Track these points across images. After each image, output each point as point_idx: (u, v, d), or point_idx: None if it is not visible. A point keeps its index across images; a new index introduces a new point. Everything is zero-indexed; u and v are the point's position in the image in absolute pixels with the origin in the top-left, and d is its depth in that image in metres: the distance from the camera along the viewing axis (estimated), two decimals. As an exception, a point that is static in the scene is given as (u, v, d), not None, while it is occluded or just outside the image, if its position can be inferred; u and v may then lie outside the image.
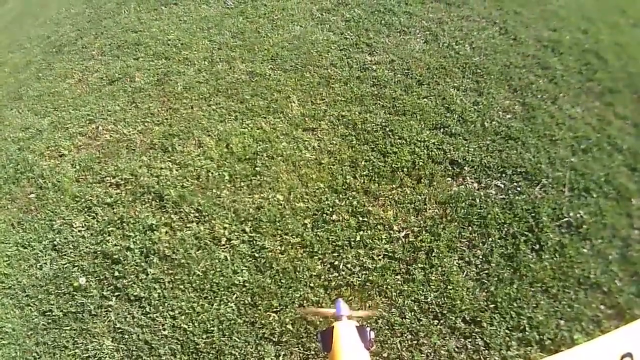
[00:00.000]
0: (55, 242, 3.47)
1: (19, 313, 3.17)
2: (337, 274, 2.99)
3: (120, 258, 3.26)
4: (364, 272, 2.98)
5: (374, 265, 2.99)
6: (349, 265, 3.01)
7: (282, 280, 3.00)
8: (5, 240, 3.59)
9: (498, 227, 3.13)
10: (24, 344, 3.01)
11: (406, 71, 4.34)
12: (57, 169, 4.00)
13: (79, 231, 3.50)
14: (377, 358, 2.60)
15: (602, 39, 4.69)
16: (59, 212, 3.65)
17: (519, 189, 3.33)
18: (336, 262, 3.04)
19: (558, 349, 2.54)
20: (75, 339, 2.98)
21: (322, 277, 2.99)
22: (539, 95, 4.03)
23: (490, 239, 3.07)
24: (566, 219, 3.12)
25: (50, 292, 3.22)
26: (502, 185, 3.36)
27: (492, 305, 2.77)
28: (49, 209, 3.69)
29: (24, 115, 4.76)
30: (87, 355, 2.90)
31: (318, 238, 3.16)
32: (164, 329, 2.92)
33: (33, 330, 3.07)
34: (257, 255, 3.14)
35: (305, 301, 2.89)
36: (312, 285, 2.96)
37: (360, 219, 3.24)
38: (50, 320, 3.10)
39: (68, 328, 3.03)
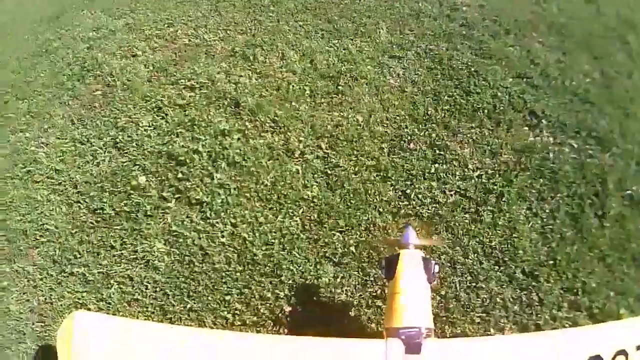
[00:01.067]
0: (117, 140, 3.40)
1: (65, 210, 3.07)
2: (407, 203, 2.98)
3: (187, 160, 3.21)
4: (434, 205, 2.96)
5: (444, 200, 2.97)
6: (420, 196, 2.99)
7: (351, 201, 2.99)
8: (62, 136, 3.51)
9: (567, 185, 3.08)
10: (65, 242, 2.92)
11: (494, 18, 4.23)
12: (129, 69, 3.92)
13: (145, 130, 3.44)
14: (435, 294, 2.55)
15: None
16: (125, 110, 3.59)
17: (590, 152, 3.26)
18: (408, 191, 3.02)
19: (604, 319, 2.47)
20: (125, 239, 2.90)
21: (392, 203, 2.98)
22: (617, 67, 3.91)
23: (558, 195, 3.02)
24: (629, 192, 3.07)
25: (104, 190, 3.14)
26: (576, 145, 3.29)
27: (551, 262, 2.74)
28: (115, 107, 3.63)
29: (96, 17, 4.59)
30: (134, 256, 2.83)
31: (393, 164, 3.15)
32: (222, 237, 2.88)
33: (79, 228, 2.97)
34: (329, 172, 3.13)
35: (372, 225, 2.89)
36: (381, 210, 2.95)
37: (437, 151, 3.21)
38: (99, 219, 3.01)
39: (118, 227, 2.95)
